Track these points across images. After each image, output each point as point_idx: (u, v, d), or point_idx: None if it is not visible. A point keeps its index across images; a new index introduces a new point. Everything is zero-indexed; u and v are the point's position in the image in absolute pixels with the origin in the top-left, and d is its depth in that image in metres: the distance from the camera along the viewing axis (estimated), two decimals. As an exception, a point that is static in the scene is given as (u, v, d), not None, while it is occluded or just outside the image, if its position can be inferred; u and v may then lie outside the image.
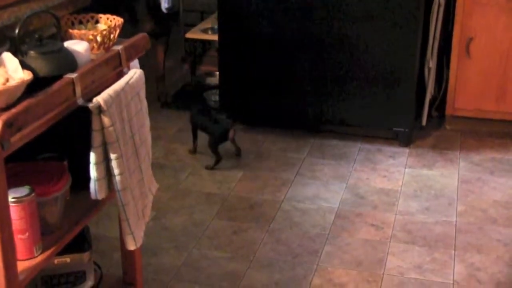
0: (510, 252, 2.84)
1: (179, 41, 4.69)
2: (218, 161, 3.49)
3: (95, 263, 2.34)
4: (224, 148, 3.57)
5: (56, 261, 2.15)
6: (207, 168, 3.49)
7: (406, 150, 3.69)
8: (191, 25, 4.50)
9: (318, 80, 3.69)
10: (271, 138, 3.81)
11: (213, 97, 4.09)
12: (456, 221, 3.06)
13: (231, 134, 3.52)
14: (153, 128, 2.31)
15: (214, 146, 3.49)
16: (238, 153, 3.60)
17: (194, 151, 3.63)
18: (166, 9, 3.84)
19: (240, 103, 3.90)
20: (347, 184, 3.36)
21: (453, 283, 2.65)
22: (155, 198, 2.81)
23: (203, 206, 3.17)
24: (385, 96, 3.63)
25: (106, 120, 1.84)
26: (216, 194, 3.27)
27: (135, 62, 2.26)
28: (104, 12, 2.15)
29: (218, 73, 3.99)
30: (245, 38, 3.74)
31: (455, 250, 2.85)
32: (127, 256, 2.34)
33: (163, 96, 4.22)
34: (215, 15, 4.23)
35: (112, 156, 1.88)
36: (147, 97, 2.13)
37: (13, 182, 1.79)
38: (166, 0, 3.82)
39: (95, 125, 1.84)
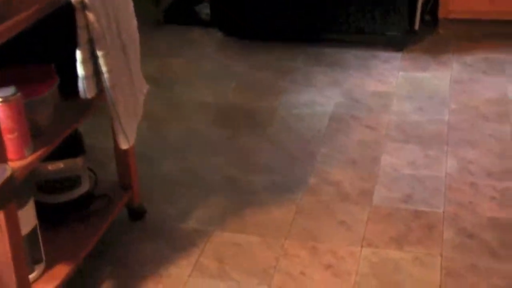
0: (501, 145, 2.87)
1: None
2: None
3: (90, 169, 2.35)
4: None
5: (50, 166, 2.16)
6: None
7: (400, 54, 3.68)
8: None
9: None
10: (265, 49, 3.79)
11: (205, 10, 4.05)
12: (448, 119, 3.08)
13: None
14: (146, 45, 2.31)
15: None
16: None
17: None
18: None
19: (233, 15, 3.86)
20: (342, 89, 3.36)
21: (445, 176, 2.69)
22: (150, 109, 2.84)
23: (198, 115, 3.19)
24: (377, 0, 3.59)
25: (90, 16, 1.83)
26: (211, 103, 3.28)
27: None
28: None
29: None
30: None
31: (447, 146, 2.88)
32: (122, 158, 2.37)
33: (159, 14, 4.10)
34: None
35: (99, 53, 1.89)
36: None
37: (0, 85, 1.80)
38: None
39: (80, 21, 1.84)
